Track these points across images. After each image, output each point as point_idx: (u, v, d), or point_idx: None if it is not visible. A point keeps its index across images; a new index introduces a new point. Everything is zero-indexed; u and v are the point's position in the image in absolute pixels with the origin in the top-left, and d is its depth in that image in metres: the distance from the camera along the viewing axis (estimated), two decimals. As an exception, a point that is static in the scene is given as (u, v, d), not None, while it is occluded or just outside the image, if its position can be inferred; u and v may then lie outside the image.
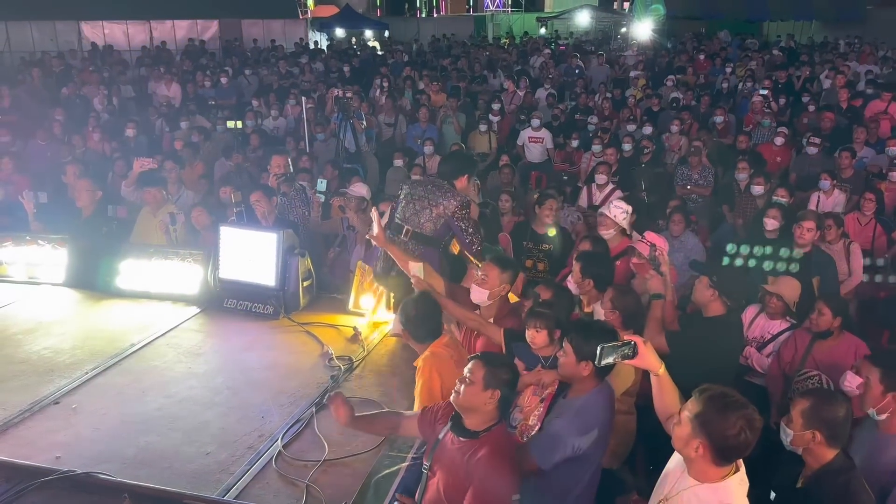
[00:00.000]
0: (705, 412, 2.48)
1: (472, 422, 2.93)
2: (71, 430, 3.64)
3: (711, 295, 4.02)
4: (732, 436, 2.43)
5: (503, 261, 4.20)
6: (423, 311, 3.65)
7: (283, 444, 3.48)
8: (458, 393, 2.91)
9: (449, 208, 4.44)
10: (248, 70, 16.07)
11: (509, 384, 2.98)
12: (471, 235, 4.48)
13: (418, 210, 4.50)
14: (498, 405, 2.94)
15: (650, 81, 14.22)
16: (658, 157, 9.23)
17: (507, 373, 2.97)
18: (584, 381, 3.16)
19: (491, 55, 18.97)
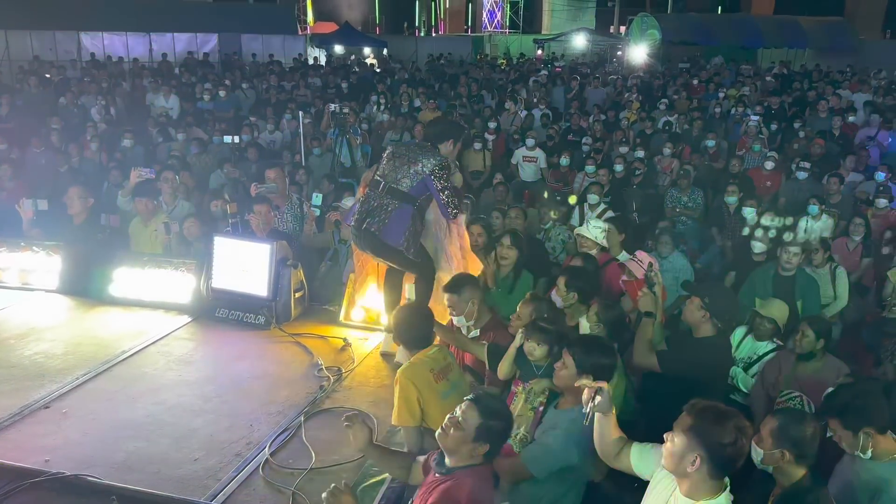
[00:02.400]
0: (700, 423, 2.52)
1: (452, 460, 2.85)
2: (60, 434, 3.67)
3: (703, 316, 4.04)
4: (729, 444, 2.48)
5: (454, 285, 4.27)
6: (410, 320, 3.70)
7: (271, 452, 3.51)
8: (446, 433, 2.81)
9: (427, 166, 4.39)
10: (245, 84, 16.18)
11: (502, 436, 2.89)
12: (447, 196, 4.42)
13: (397, 166, 4.48)
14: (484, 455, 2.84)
15: (644, 104, 14.39)
16: (649, 179, 9.34)
17: (502, 424, 2.87)
18: (578, 393, 3.16)
19: (487, 75, 19.16)
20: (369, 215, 4.43)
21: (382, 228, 4.40)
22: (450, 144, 4.58)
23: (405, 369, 3.56)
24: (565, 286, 4.54)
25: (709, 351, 4.03)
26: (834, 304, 6.17)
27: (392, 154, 4.56)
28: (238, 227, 5.77)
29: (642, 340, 4.07)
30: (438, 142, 4.56)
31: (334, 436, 3.71)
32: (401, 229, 4.41)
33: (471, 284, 4.28)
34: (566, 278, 4.58)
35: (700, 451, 2.50)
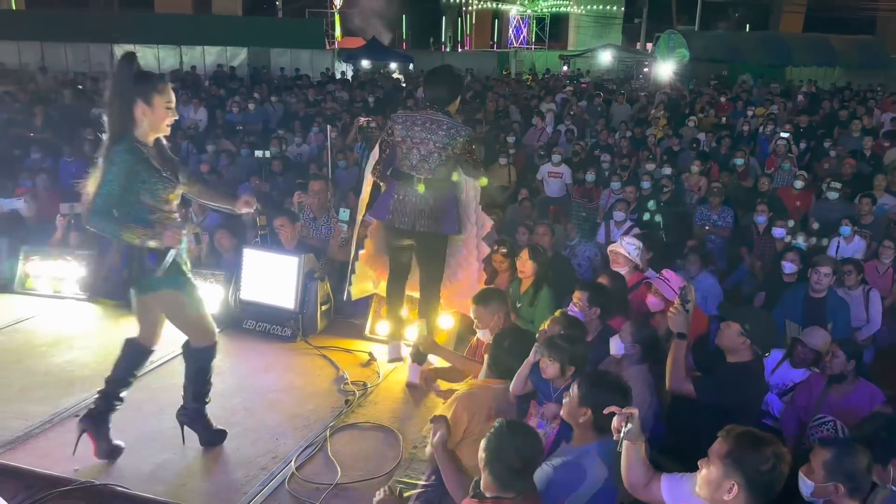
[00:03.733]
0: (738, 449, 2.46)
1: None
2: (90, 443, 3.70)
3: (742, 343, 3.86)
4: (767, 471, 2.42)
5: (483, 297, 4.21)
6: (516, 347, 3.63)
7: (297, 466, 3.52)
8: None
9: (457, 147, 4.12)
10: (274, 97, 16.35)
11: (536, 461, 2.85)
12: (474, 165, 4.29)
13: (425, 156, 4.14)
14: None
15: (671, 121, 14.31)
16: (677, 196, 9.26)
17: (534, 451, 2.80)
18: (583, 430, 3.09)
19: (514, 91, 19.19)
20: (418, 218, 4.22)
21: (438, 227, 4.27)
22: (458, 102, 4.32)
23: (464, 396, 3.51)
24: (588, 301, 4.49)
25: (745, 377, 3.88)
26: (867, 327, 6.06)
27: (409, 138, 4.17)
28: (267, 238, 5.81)
29: (677, 365, 3.88)
30: (448, 104, 4.22)
31: (360, 451, 3.72)
32: (453, 216, 4.33)
33: (499, 298, 4.25)
34: (587, 293, 4.51)
35: (737, 479, 2.45)
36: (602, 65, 27.87)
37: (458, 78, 4.45)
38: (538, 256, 5.26)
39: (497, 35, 38.35)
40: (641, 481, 2.85)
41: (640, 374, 3.98)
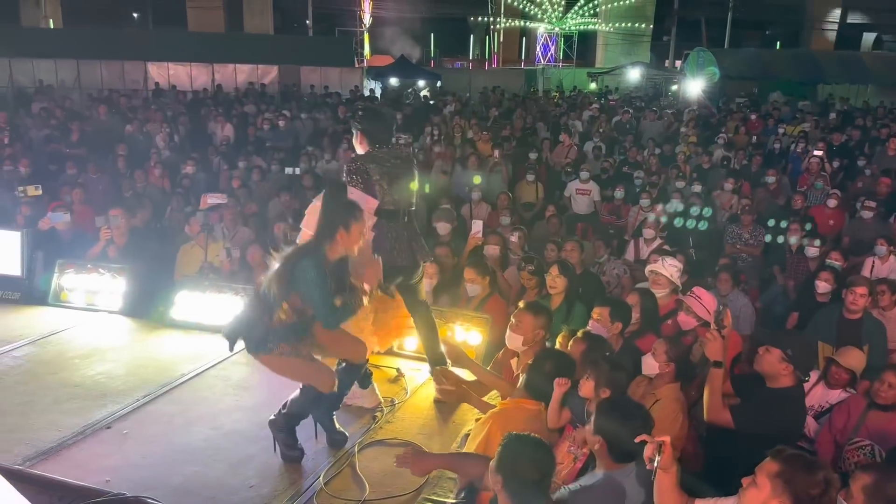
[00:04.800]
0: (789, 470, 2.43)
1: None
2: (121, 455, 3.74)
3: (784, 369, 3.74)
4: (816, 495, 2.39)
5: (536, 308, 4.20)
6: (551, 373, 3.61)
7: (325, 482, 3.52)
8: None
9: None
10: (304, 114, 16.53)
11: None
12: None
13: (404, 187, 4.35)
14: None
15: (700, 139, 14.21)
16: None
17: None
18: (600, 457, 3.05)
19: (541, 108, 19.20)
20: (418, 250, 4.43)
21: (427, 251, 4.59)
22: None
23: (499, 415, 3.48)
24: (610, 317, 4.44)
25: (787, 404, 3.77)
26: (904, 349, 5.91)
27: (390, 176, 4.30)
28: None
29: (714, 394, 3.71)
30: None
31: (388, 466, 3.70)
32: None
33: (549, 316, 4.22)
34: (609, 308, 4.47)
35: (785, 499, 2.40)
36: (630, 82, 27.78)
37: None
38: (568, 272, 5.23)
39: (525, 53, 38.46)
40: None
41: (672, 392, 3.93)
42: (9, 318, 5.56)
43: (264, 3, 33.36)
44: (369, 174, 4.27)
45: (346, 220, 3.66)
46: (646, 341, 4.54)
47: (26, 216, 7.03)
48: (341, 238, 3.64)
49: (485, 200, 9.32)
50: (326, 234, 3.64)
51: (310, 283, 3.50)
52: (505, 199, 8.83)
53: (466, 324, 4.91)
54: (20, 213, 7.07)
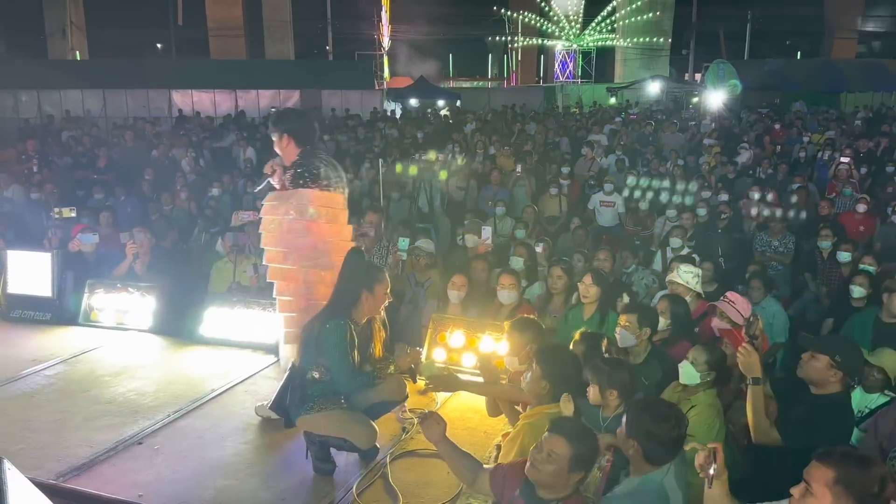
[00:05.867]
0: (846, 474, 2.33)
1: (546, 493, 2.81)
2: (153, 470, 3.73)
3: (832, 375, 3.60)
4: (876, 493, 2.30)
5: (520, 325, 4.06)
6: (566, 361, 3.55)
7: (358, 493, 3.48)
8: (539, 469, 2.77)
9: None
10: (326, 136, 16.68)
11: (593, 461, 2.86)
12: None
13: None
14: (578, 481, 2.82)
15: (724, 150, 14.11)
16: (735, 223, 9.07)
17: (593, 451, 2.83)
18: (635, 462, 2.99)
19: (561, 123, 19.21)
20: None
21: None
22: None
23: (531, 425, 3.42)
24: (638, 322, 4.36)
25: (836, 410, 3.63)
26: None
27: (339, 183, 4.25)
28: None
29: (758, 414, 3.53)
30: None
31: (420, 478, 3.66)
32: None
33: (535, 329, 4.11)
34: (637, 314, 4.39)
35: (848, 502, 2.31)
36: (650, 96, 27.73)
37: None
38: (602, 281, 5.16)
39: (543, 70, 38.59)
40: None
41: (708, 398, 3.85)
42: (40, 338, 5.61)
43: (285, 29, 33.93)
44: (320, 175, 4.11)
45: (370, 283, 3.73)
46: (679, 348, 4.47)
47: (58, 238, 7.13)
48: (366, 300, 3.72)
49: (508, 215, 9.29)
50: (349, 298, 3.71)
51: (332, 345, 3.57)
52: (531, 212, 8.80)
53: (496, 333, 4.86)
54: (52, 234, 7.16)
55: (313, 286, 4.07)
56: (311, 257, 4.07)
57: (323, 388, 3.62)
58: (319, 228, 4.08)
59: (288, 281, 4.10)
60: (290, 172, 4.12)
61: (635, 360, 4.28)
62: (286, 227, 4.05)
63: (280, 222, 4.06)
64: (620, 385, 3.46)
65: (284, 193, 4.12)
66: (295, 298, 4.08)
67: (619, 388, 3.45)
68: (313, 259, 4.07)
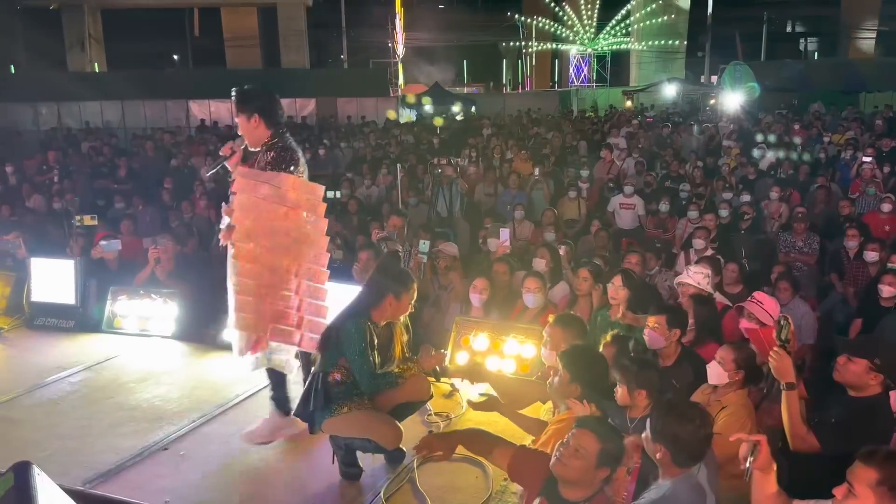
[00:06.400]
0: (892, 474, 2.30)
1: (570, 493, 2.75)
2: (179, 475, 3.73)
3: (873, 378, 3.48)
4: None
5: (565, 321, 4.10)
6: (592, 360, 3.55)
7: (386, 498, 3.44)
8: (565, 464, 2.71)
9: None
10: (343, 143, 16.72)
11: (619, 459, 2.82)
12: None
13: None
14: (604, 478, 2.78)
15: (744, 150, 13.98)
16: (757, 224, 8.97)
17: (620, 448, 2.80)
18: (664, 466, 2.91)
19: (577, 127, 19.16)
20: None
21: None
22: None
23: (562, 431, 3.29)
24: (667, 324, 4.29)
25: (875, 412, 3.51)
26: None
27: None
28: (340, 272, 5.85)
29: (794, 421, 3.40)
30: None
31: (448, 483, 3.64)
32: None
33: (580, 327, 4.11)
34: (666, 316, 4.30)
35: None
36: (667, 99, 27.57)
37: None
38: (632, 283, 5.09)
39: (557, 75, 38.53)
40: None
41: (739, 399, 3.78)
42: (64, 346, 5.65)
43: (300, 39, 34.14)
44: (299, 162, 3.90)
45: (398, 290, 3.71)
46: (707, 349, 4.40)
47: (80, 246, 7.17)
48: (389, 305, 3.70)
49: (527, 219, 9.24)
50: (374, 297, 3.69)
51: (352, 345, 3.57)
52: (550, 215, 8.74)
53: (521, 336, 4.82)
54: (74, 242, 7.20)
55: (278, 274, 3.78)
56: (283, 245, 3.78)
57: (346, 389, 3.59)
58: (297, 217, 3.81)
59: (254, 264, 3.78)
60: (269, 154, 3.83)
61: (665, 363, 4.20)
62: (265, 209, 3.76)
63: (258, 203, 3.76)
64: (649, 385, 3.42)
65: (263, 174, 3.80)
66: (256, 283, 3.77)
67: (648, 388, 3.40)
68: (284, 246, 3.78)
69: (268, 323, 3.73)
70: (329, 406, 3.57)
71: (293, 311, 3.78)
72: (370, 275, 3.86)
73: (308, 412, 3.65)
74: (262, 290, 3.77)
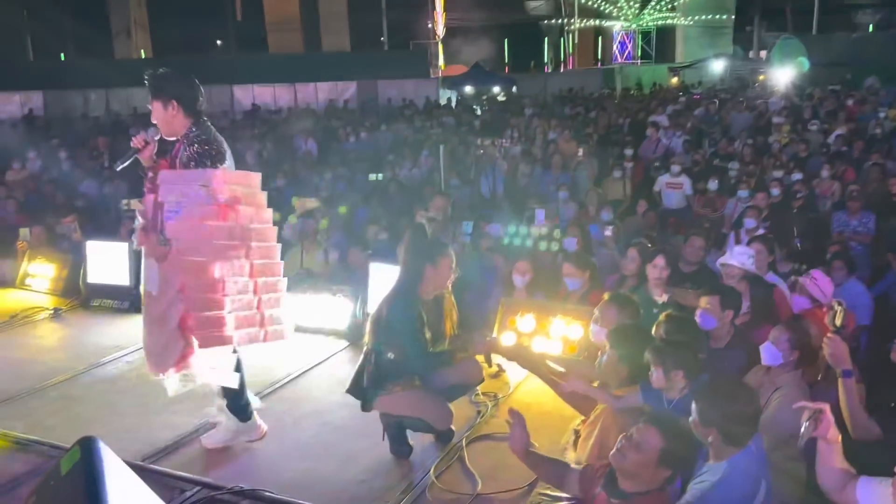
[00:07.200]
0: None
1: (627, 484, 2.69)
2: (233, 451, 3.80)
3: None
4: None
5: (621, 301, 4.05)
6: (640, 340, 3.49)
7: (436, 475, 3.47)
8: (624, 456, 2.65)
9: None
10: (384, 126, 16.77)
11: (685, 462, 2.72)
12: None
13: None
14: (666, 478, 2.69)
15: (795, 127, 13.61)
16: (809, 202, 8.73)
17: (687, 449, 2.69)
18: (716, 448, 2.86)
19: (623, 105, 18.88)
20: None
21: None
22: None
23: (610, 410, 3.37)
24: (721, 305, 4.20)
25: None
26: None
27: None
28: (384, 253, 5.90)
29: (854, 409, 3.27)
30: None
31: (497, 462, 3.64)
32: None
33: (634, 308, 4.08)
34: (719, 296, 4.21)
35: None
36: (714, 75, 26.95)
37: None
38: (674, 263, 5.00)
39: (601, 52, 37.91)
40: (837, 485, 2.63)
41: (793, 380, 3.69)
42: (120, 326, 5.79)
43: (340, 21, 34.24)
44: (224, 153, 3.56)
45: (432, 256, 3.69)
46: (762, 332, 4.31)
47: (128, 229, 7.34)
48: (430, 275, 3.68)
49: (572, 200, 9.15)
50: (414, 273, 3.68)
51: (401, 324, 3.57)
52: (595, 195, 8.64)
53: (567, 317, 4.79)
54: (122, 226, 7.37)
55: (206, 279, 3.36)
56: (225, 248, 3.39)
57: (398, 368, 3.62)
58: (237, 213, 3.42)
59: (199, 275, 3.36)
60: (191, 149, 3.45)
61: (717, 344, 4.13)
62: (198, 214, 3.35)
63: (190, 208, 3.37)
64: (686, 365, 3.34)
65: (187, 173, 3.44)
66: (208, 296, 3.36)
67: (685, 368, 3.33)
68: (218, 249, 3.37)
69: (193, 333, 3.36)
70: (382, 384, 3.61)
71: (254, 311, 3.53)
72: (403, 255, 3.86)
73: (360, 389, 3.69)
74: (209, 304, 3.37)
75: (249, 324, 3.51)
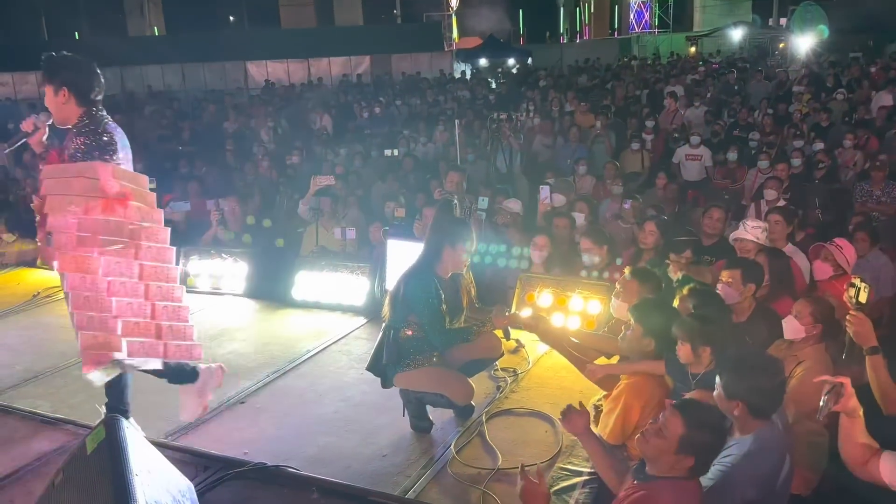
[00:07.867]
0: None
1: (651, 467, 2.65)
2: (256, 428, 3.85)
3: None
4: None
5: (645, 275, 4.05)
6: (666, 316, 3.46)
7: (456, 450, 3.49)
8: (646, 440, 2.61)
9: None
10: (398, 100, 16.66)
11: (710, 451, 2.65)
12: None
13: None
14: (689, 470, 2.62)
15: (816, 96, 13.36)
16: (831, 172, 8.60)
17: (711, 437, 2.61)
18: (741, 421, 2.83)
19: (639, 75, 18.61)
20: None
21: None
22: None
23: (634, 387, 3.38)
24: (742, 278, 4.15)
25: None
26: None
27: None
28: (400, 229, 5.90)
29: (884, 387, 3.20)
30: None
31: (518, 436, 3.66)
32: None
33: (656, 282, 4.06)
34: (740, 269, 4.14)
35: None
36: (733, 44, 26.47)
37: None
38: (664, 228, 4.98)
39: (617, 22, 37.33)
40: (859, 459, 2.62)
41: (817, 353, 3.66)
42: (141, 305, 5.83)
43: (353, -5, 33.91)
44: (117, 148, 3.36)
45: (452, 239, 3.71)
46: (782, 304, 4.27)
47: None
48: (447, 256, 3.69)
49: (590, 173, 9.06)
50: (433, 252, 3.72)
51: (419, 300, 3.60)
52: (612, 168, 8.55)
53: (586, 292, 4.77)
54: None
55: (92, 279, 3.12)
56: (111, 243, 3.16)
57: (418, 344, 3.64)
58: (125, 209, 3.20)
59: (84, 272, 3.11)
60: (78, 140, 3.28)
61: (739, 318, 4.09)
62: (83, 208, 3.10)
63: (72, 201, 3.10)
64: (714, 341, 3.30)
65: (71, 167, 3.23)
66: (93, 294, 3.11)
67: (714, 344, 3.30)
68: (113, 245, 3.16)
69: (80, 331, 3.10)
70: (401, 360, 3.63)
71: (148, 319, 3.25)
72: (427, 232, 3.90)
73: (380, 366, 3.71)
74: (97, 304, 3.13)
75: (143, 333, 3.20)
